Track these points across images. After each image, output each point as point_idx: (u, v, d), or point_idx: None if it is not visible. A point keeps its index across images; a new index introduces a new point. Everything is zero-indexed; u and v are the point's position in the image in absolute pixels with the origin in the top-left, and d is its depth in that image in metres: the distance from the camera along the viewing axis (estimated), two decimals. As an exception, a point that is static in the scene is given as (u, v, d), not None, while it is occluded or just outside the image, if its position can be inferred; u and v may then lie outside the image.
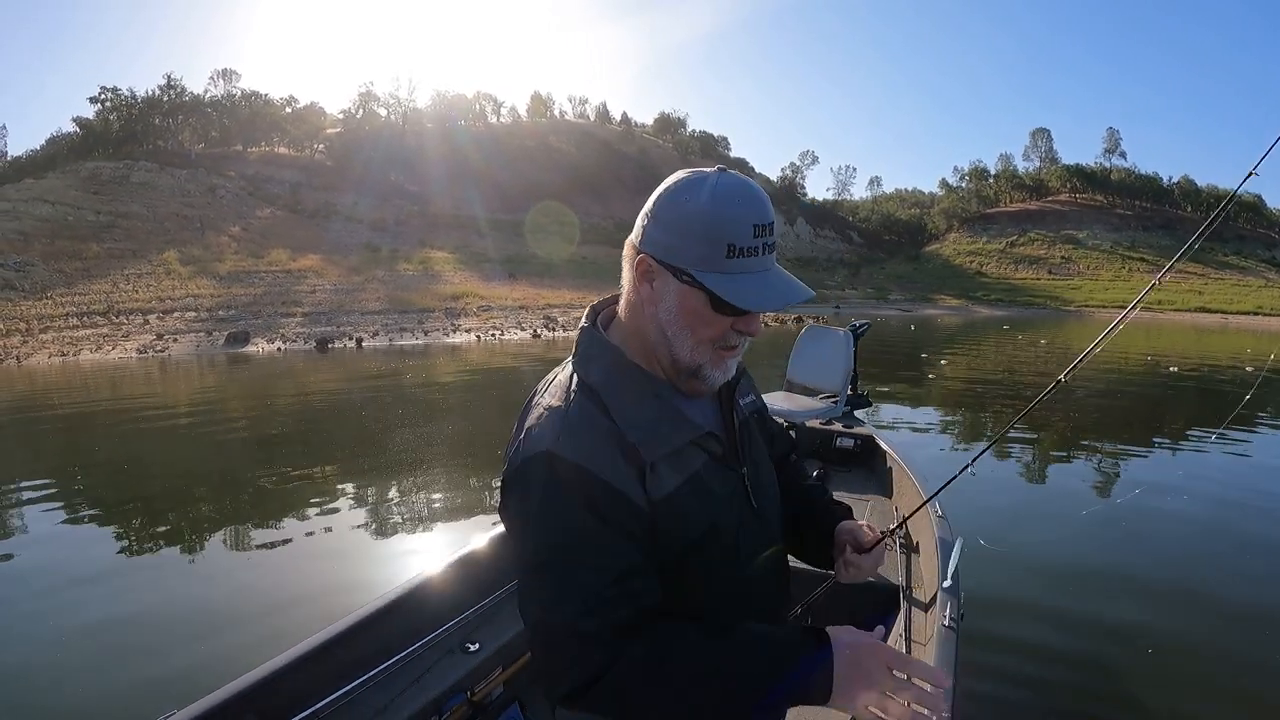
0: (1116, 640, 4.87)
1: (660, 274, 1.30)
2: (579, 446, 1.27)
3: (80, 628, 5.15)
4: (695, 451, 1.38)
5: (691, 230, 1.25)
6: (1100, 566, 6.12)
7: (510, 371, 21.07)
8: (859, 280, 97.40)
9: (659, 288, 1.31)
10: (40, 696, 4.35)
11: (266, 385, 18.89)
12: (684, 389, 1.41)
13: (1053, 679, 4.41)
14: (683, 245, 1.26)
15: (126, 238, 48.33)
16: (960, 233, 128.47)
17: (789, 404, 6.03)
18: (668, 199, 1.29)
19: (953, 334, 42.31)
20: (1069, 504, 8.05)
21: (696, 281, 1.26)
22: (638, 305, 1.37)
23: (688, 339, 1.33)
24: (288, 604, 5.49)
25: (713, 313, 1.29)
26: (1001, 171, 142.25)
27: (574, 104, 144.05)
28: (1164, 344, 32.88)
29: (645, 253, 1.31)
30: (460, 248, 64.29)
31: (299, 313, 34.55)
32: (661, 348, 1.36)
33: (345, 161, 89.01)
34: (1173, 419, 14.03)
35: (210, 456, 10.68)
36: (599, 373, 1.36)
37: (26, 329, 27.72)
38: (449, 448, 10.88)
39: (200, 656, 4.62)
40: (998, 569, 5.78)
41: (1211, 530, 7.16)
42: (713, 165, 1.35)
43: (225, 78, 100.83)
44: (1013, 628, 4.96)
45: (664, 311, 1.32)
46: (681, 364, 1.36)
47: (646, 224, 1.31)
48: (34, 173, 67.51)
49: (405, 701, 2.54)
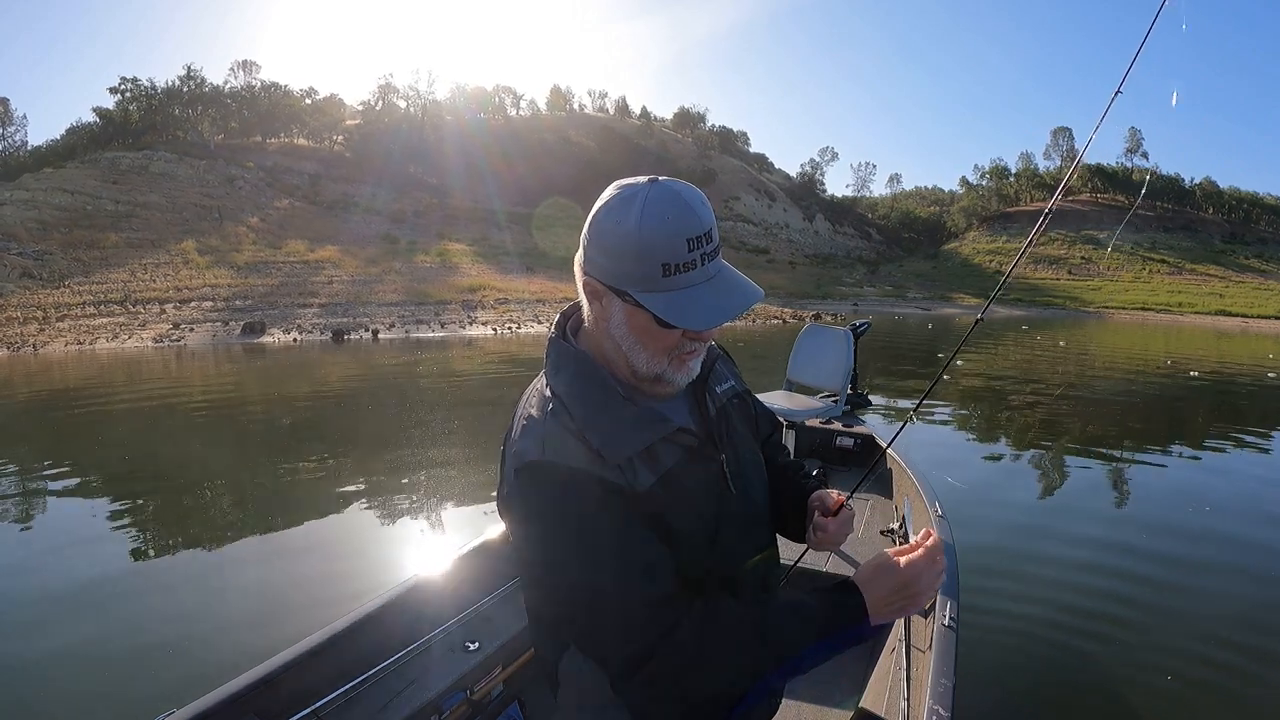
0: (1117, 641, 4.90)
1: (605, 294, 1.33)
2: (557, 451, 1.32)
3: (89, 618, 5.17)
4: (667, 447, 1.40)
5: (626, 253, 1.27)
6: (1101, 568, 6.13)
7: (526, 364, 20.99)
8: (877, 278, 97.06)
9: (607, 306, 1.35)
10: (55, 687, 4.38)
11: (281, 376, 18.98)
12: (651, 392, 1.45)
13: (1053, 678, 4.43)
14: (620, 268, 1.29)
15: (145, 227, 48.53)
16: (980, 231, 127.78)
17: (789, 403, 6.01)
18: (600, 220, 1.31)
19: (971, 333, 42.10)
20: (1072, 505, 8.10)
21: (638, 302, 1.29)
22: (594, 321, 1.41)
23: (642, 351, 1.36)
24: (298, 597, 5.52)
25: (660, 329, 1.31)
26: (1022, 170, 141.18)
27: (593, 98, 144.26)
28: (1184, 347, 32.68)
29: (588, 275, 1.34)
30: (478, 240, 64.35)
31: (315, 303, 34.67)
32: (621, 359, 1.40)
33: (364, 153, 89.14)
34: (1191, 424, 13.92)
35: (224, 446, 10.73)
36: (564, 382, 1.41)
37: (43, 317, 27.92)
38: (464, 441, 10.89)
39: (209, 651, 4.62)
40: (998, 569, 5.83)
41: (1218, 534, 7.13)
42: (646, 177, 1.32)
43: (245, 69, 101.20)
44: (1014, 627, 4.98)
45: (615, 328, 1.36)
46: (642, 374, 1.40)
47: (586, 246, 1.34)
48: (54, 162, 67.84)
49: (405, 701, 2.55)
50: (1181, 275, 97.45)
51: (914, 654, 2.71)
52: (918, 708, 2.29)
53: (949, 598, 2.72)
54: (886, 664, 2.88)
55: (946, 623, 2.57)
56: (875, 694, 2.74)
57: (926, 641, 2.62)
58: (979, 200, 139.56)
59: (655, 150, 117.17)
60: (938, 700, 2.11)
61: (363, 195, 74.11)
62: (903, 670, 2.63)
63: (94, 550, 6.51)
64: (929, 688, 2.21)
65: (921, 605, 1.41)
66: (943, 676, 2.25)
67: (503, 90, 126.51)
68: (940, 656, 2.37)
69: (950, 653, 2.41)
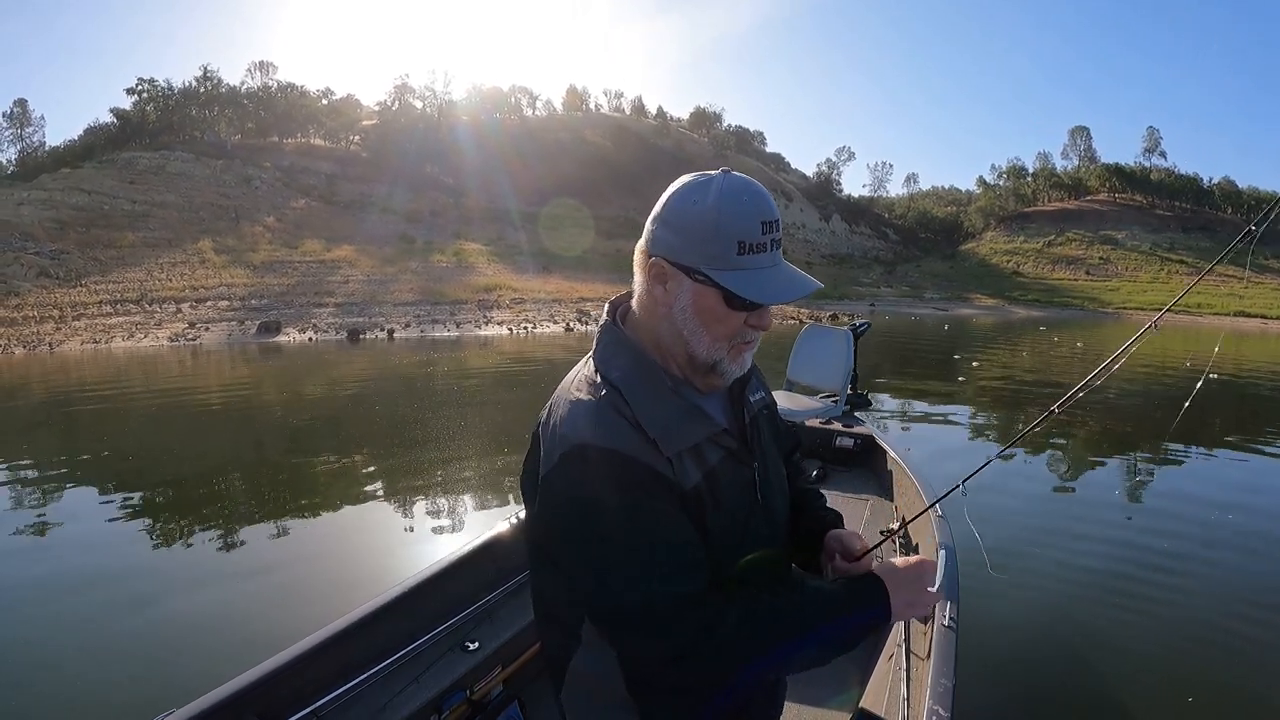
0: (1118, 642, 4.88)
1: (673, 276, 1.34)
2: (610, 435, 1.30)
3: (103, 613, 5.21)
4: (712, 447, 1.40)
5: (702, 230, 1.29)
6: (1103, 569, 6.12)
7: (542, 364, 21.07)
8: (894, 278, 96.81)
9: (672, 289, 1.35)
10: (74, 679, 4.41)
11: (296, 375, 19.04)
12: (700, 385, 1.44)
13: (1052, 678, 4.43)
14: (694, 245, 1.30)
15: (162, 227, 48.85)
16: (997, 231, 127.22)
17: (789, 403, 6.04)
18: (676, 202, 1.33)
19: (987, 335, 41.98)
20: (1075, 506, 8.12)
21: (710, 280, 1.30)
22: (651, 307, 1.40)
23: (704, 336, 1.36)
24: (314, 592, 5.55)
25: (727, 309, 1.33)
26: (1039, 170, 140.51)
27: (609, 97, 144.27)
28: (1203, 348, 32.47)
29: (657, 256, 1.35)
30: (494, 240, 64.53)
31: (331, 303, 34.83)
32: (678, 346, 1.39)
33: (380, 153, 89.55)
34: (1208, 427, 13.80)
35: (238, 444, 10.77)
36: (620, 369, 1.39)
37: (60, 316, 28.12)
38: (479, 441, 10.91)
39: (221, 646, 4.64)
40: (998, 569, 5.77)
41: (1225, 537, 7.08)
42: (718, 169, 1.37)
43: (262, 70, 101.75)
44: (1013, 628, 4.98)
45: (679, 312, 1.36)
46: (699, 360, 1.39)
47: (655, 228, 1.36)
48: (71, 162, 68.42)
49: (405, 700, 2.56)
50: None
51: (914, 654, 2.72)
52: (918, 708, 2.29)
53: (949, 598, 2.72)
54: (886, 664, 2.87)
55: (946, 623, 2.57)
56: (875, 694, 2.72)
57: (926, 642, 2.62)
58: (996, 200, 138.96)
59: (671, 150, 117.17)
60: (938, 700, 2.10)
61: (379, 195, 74.36)
62: (903, 670, 2.62)
63: (106, 544, 6.60)
64: (929, 688, 2.20)
65: (920, 614, 1.50)
66: (943, 677, 2.24)
67: (519, 90, 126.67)
68: (940, 657, 2.36)
69: (950, 653, 2.41)
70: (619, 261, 63.97)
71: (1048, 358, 27.84)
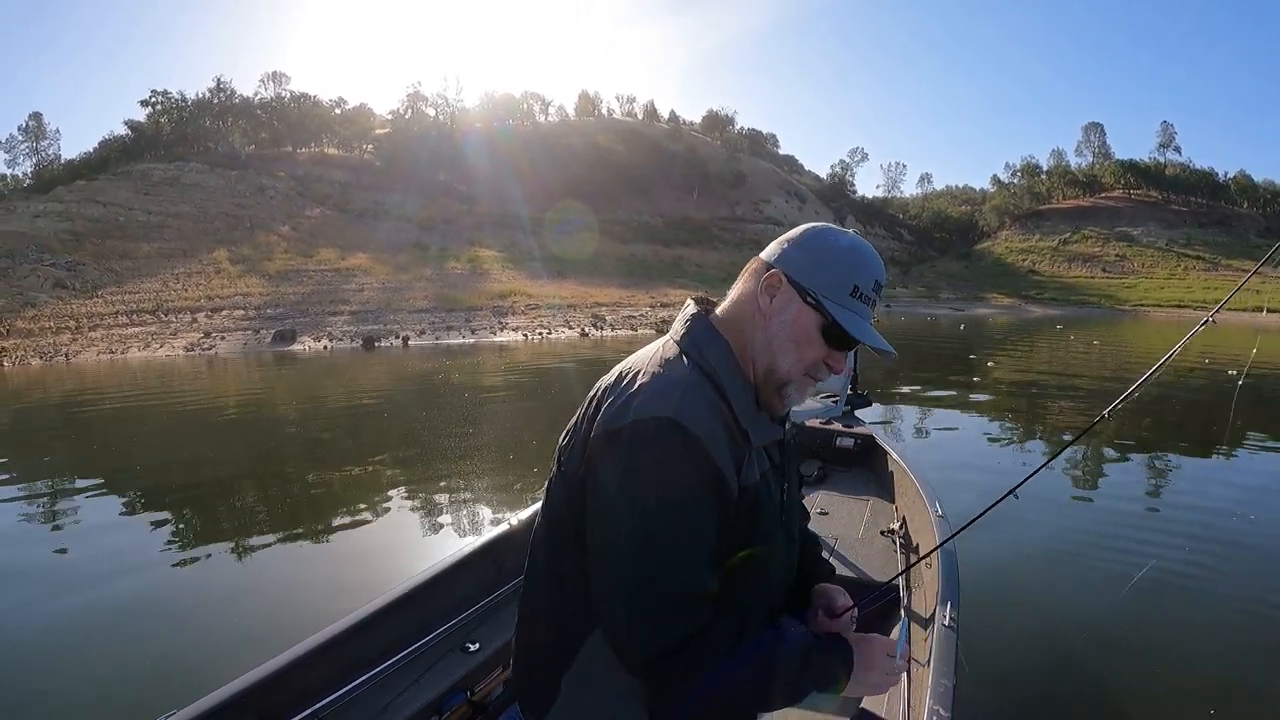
0: (1119, 643, 4.84)
1: (786, 290, 1.44)
2: (700, 420, 1.33)
3: (115, 618, 5.23)
4: (763, 456, 1.48)
5: (832, 263, 1.43)
6: (1104, 569, 6.06)
7: (558, 371, 21.07)
8: (910, 279, 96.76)
9: (779, 302, 1.44)
10: (75, 679, 4.43)
11: (310, 383, 19.11)
12: (763, 402, 1.49)
13: (1053, 679, 4.41)
14: (818, 271, 1.43)
15: (177, 237, 49.21)
16: (1012, 230, 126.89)
17: None
18: (815, 233, 1.48)
19: (1004, 334, 41.83)
20: (1077, 506, 8.04)
21: (819, 305, 1.41)
22: (751, 315, 1.48)
23: (791, 353, 1.44)
24: (319, 595, 5.56)
25: (819, 337, 1.43)
26: (1054, 168, 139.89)
27: (621, 102, 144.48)
28: (1221, 344, 32.25)
29: (779, 268, 1.45)
30: (508, 246, 64.77)
31: (346, 311, 34.99)
32: (763, 357, 1.46)
33: (394, 161, 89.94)
34: (1223, 425, 13.65)
35: (250, 450, 10.81)
36: (716, 358, 1.45)
37: (76, 327, 28.33)
38: (494, 449, 10.87)
39: (224, 647, 4.65)
40: (999, 569, 5.80)
41: (1231, 538, 6.95)
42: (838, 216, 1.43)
43: (275, 80, 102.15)
44: (1013, 628, 4.96)
45: (778, 325, 1.44)
46: (778, 376, 1.46)
47: (787, 247, 1.48)
48: (86, 174, 69.11)
49: (405, 701, 2.55)
50: (1217, 271, 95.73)
51: (915, 653, 2.71)
52: (918, 708, 2.29)
53: (949, 599, 2.73)
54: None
55: (946, 624, 2.58)
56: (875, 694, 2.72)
57: (927, 642, 2.61)
58: (1011, 199, 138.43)
59: (684, 154, 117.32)
60: (938, 700, 2.09)
61: (392, 203, 74.69)
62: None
63: (116, 547, 6.59)
64: (929, 688, 2.20)
65: (877, 693, 1.63)
66: (943, 677, 2.23)
67: (531, 97, 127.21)
68: (940, 657, 2.37)
69: (950, 653, 2.41)
70: (632, 266, 64.19)
71: (1064, 356, 27.70)
